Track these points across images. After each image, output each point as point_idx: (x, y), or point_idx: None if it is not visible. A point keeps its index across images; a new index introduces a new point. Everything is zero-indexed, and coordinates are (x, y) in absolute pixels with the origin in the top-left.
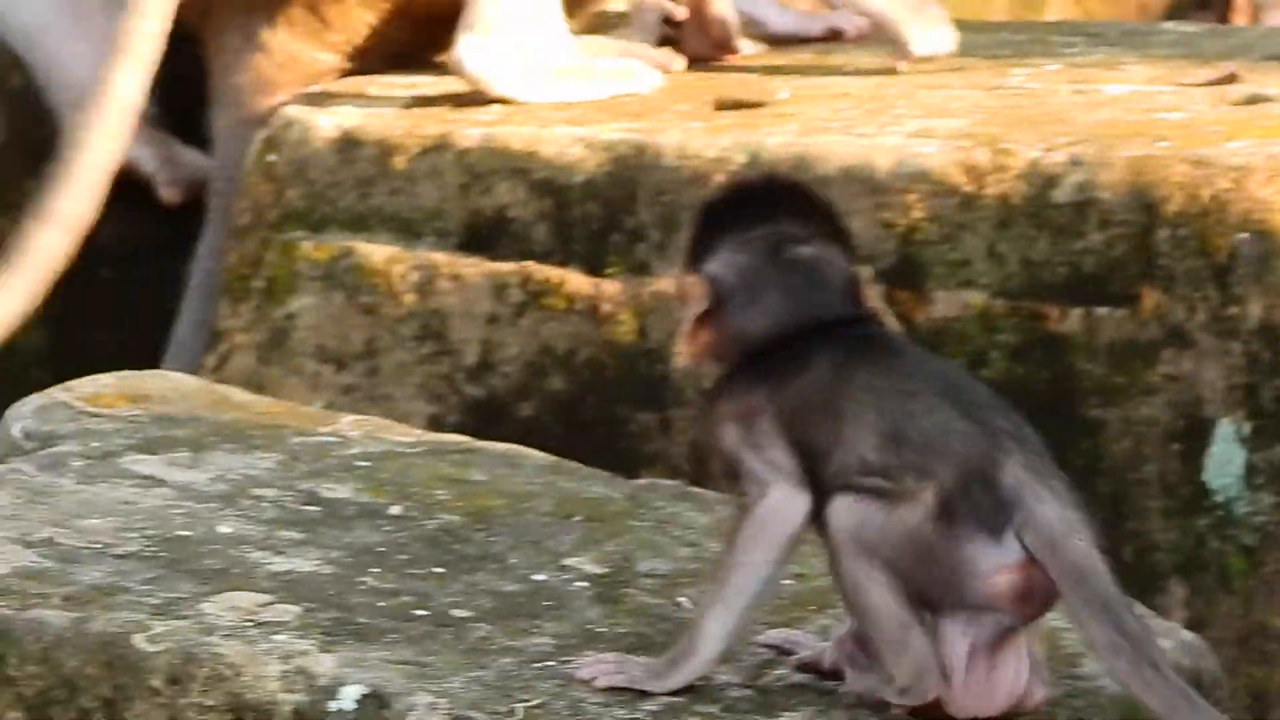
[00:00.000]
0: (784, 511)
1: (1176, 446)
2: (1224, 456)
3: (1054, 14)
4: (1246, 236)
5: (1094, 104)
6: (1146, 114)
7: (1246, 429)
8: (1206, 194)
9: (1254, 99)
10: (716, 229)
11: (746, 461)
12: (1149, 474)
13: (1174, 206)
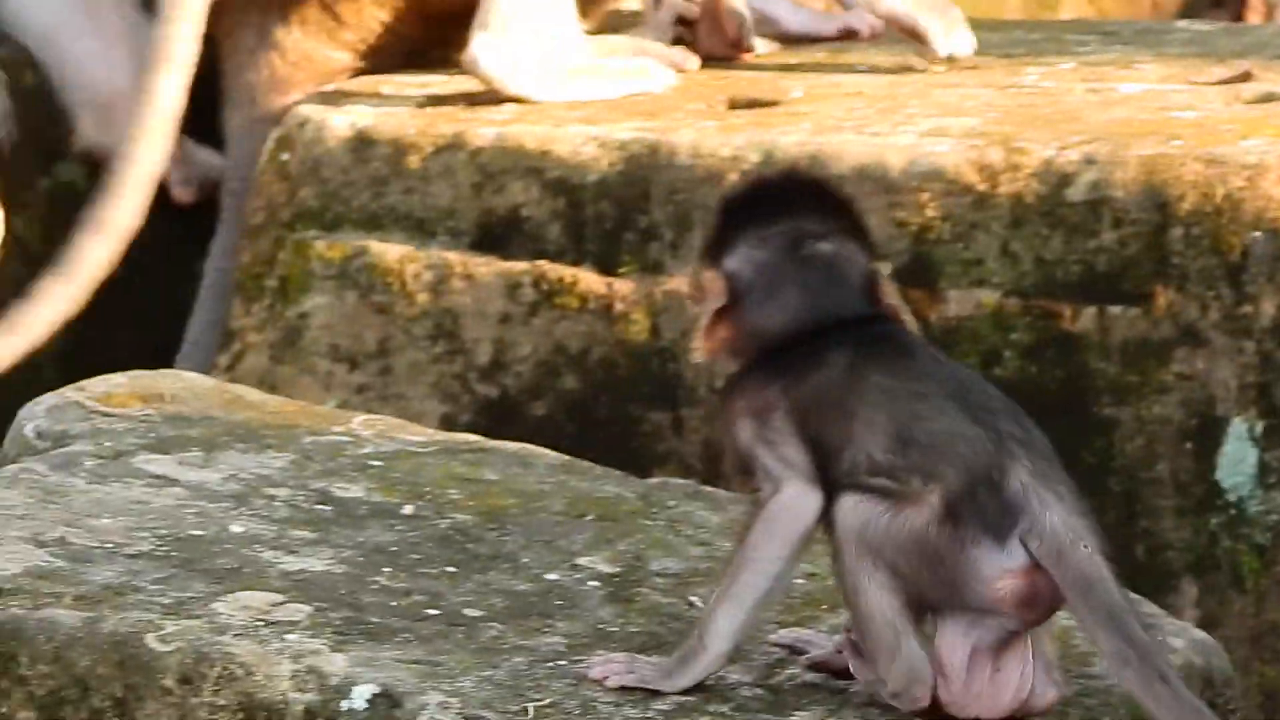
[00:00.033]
0: (796, 508)
1: (1189, 445)
2: (1236, 455)
3: (1068, 13)
4: (1260, 235)
5: (1108, 103)
6: (1160, 113)
7: (1259, 428)
8: (1220, 193)
9: (1268, 97)
10: (735, 224)
11: (760, 458)
12: (1161, 473)
13: (1187, 205)
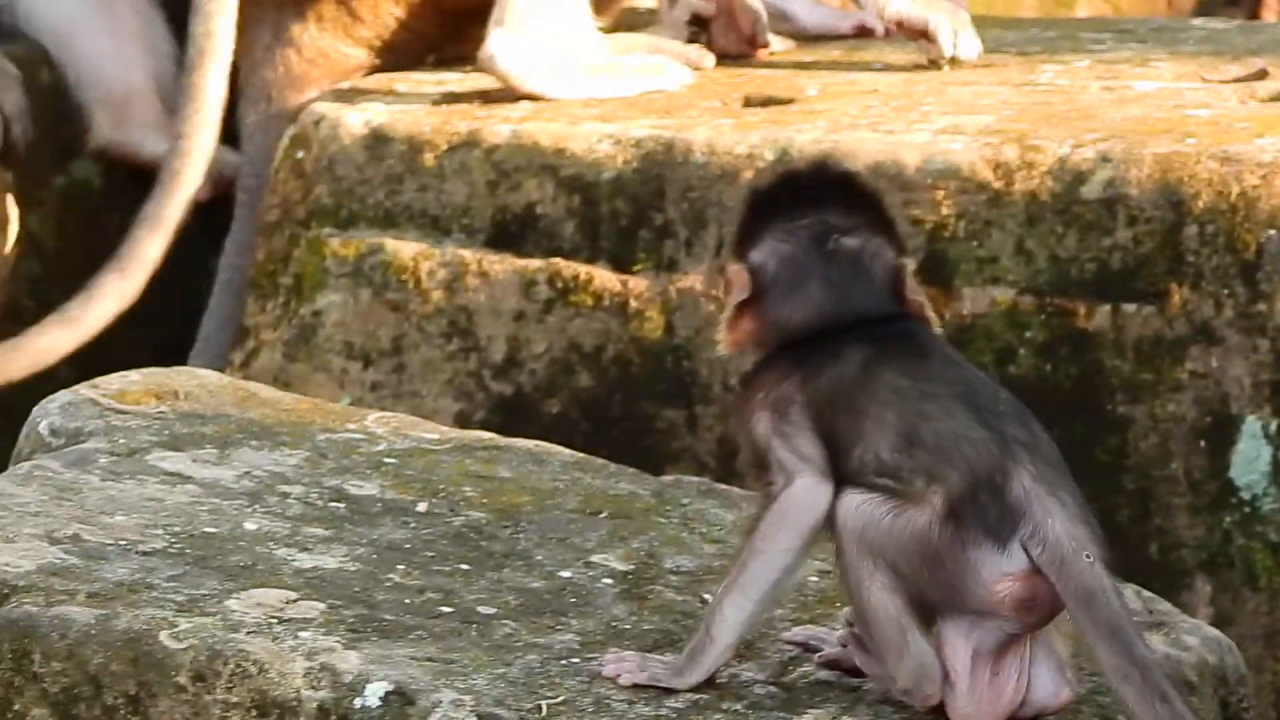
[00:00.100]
0: (809, 500)
1: (1203, 443)
2: (1250, 453)
3: (1084, 10)
4: (1274, 233)
5: (1123, 100)
6: (1175, 111)
7: (1273, 426)
8: (1235, 191)
9: None
10: (762, 217)
11: (775, 450)
12: (1175, 470)
13: (1202, 203)
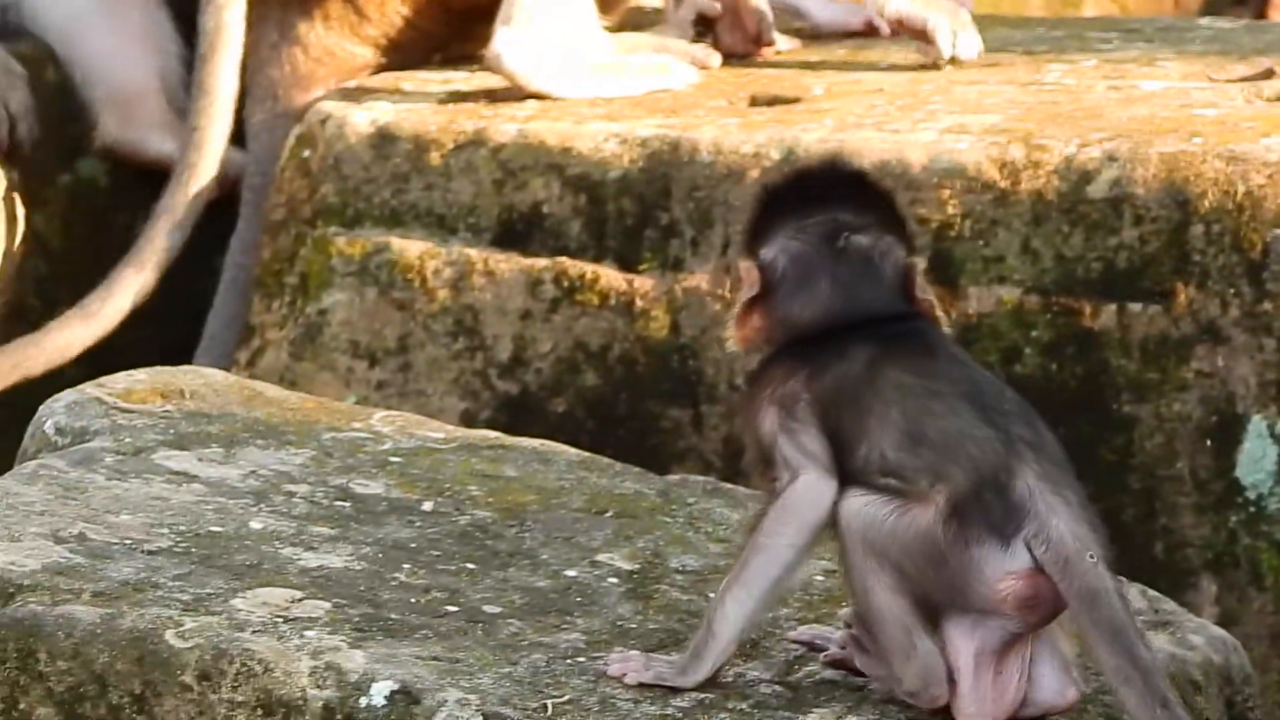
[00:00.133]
0: (812, 497)
1: (1209, 443)
2: (1256, 453)
3: (1091, 10)
4: None
5: (1129, 100)
6: (1182, 110)
7: (1279, 425)
8: (1241, 190)
9: None
10: (773, 214)
11: (780, 446)
12: (1181, 470)
13: (1208, 203)
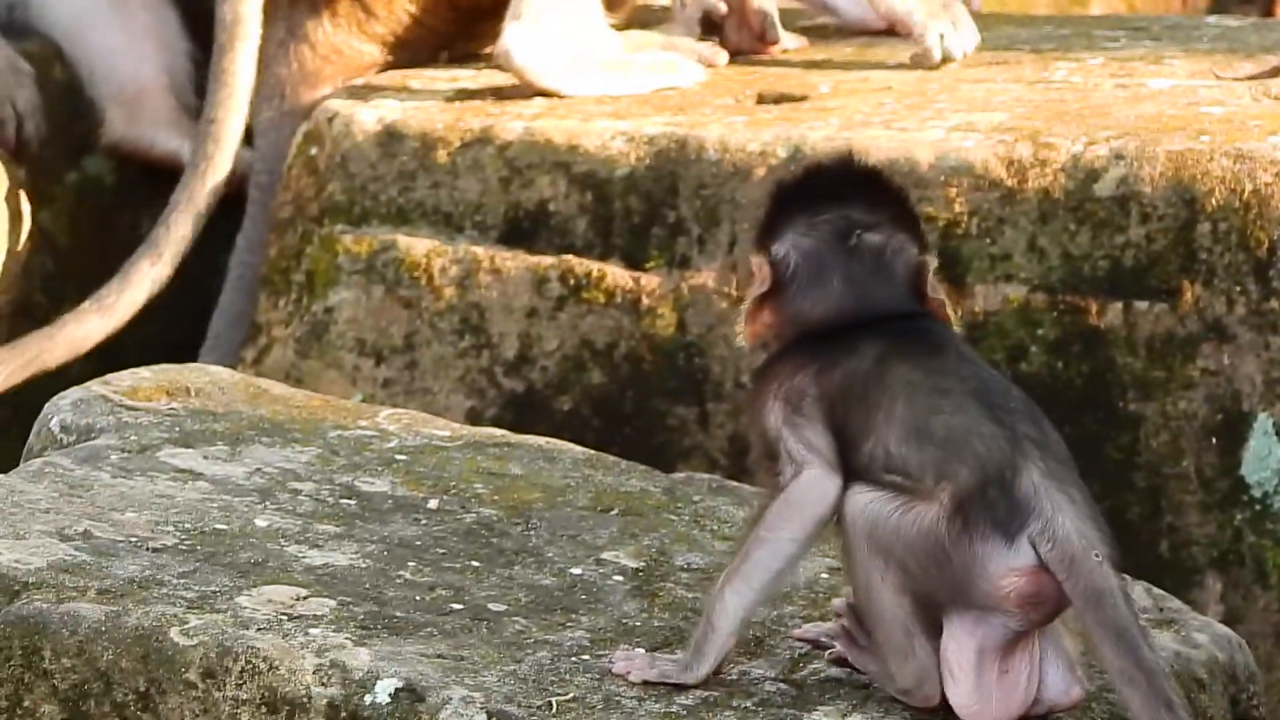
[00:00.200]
0: (816, 492)
1: (1214, 441)
2: (1262, 451)
3: (1098, 8)
4: None
5: (1136, 98)
6: (1189, 108)
7: None
8: (1248, 188)
9: None
10: (786, 211)
11: (785, 440)
12: (1186, 468)
13: (1215, 201)
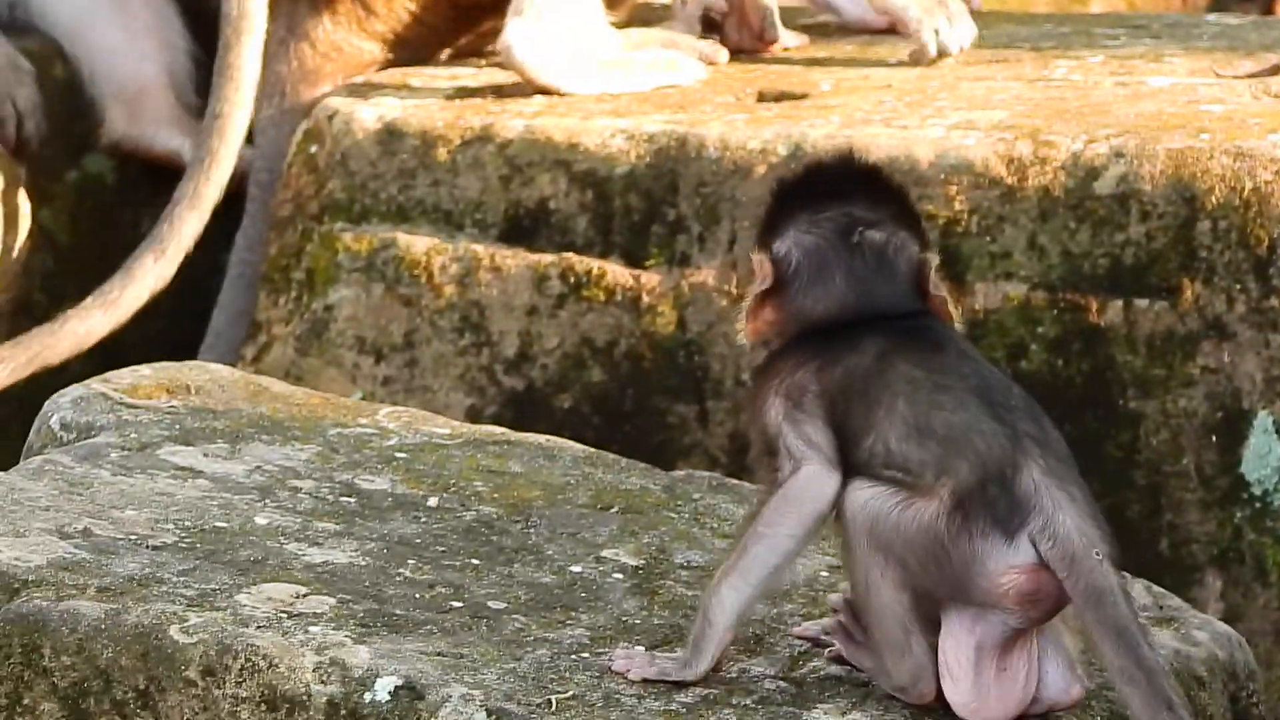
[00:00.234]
0: (814, 488)
1: (1214, 439)
2: (1262, 448)
3: (1098, 6)
4: None
5: (1136, 96)
6: (1189, 106)
7: None
8: (1248, 186)
9: None
10: (788, 208)
11: (785, 436)
12: (1187, 466)
13: (1215, 199)
